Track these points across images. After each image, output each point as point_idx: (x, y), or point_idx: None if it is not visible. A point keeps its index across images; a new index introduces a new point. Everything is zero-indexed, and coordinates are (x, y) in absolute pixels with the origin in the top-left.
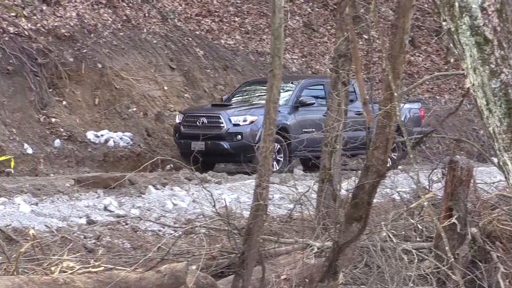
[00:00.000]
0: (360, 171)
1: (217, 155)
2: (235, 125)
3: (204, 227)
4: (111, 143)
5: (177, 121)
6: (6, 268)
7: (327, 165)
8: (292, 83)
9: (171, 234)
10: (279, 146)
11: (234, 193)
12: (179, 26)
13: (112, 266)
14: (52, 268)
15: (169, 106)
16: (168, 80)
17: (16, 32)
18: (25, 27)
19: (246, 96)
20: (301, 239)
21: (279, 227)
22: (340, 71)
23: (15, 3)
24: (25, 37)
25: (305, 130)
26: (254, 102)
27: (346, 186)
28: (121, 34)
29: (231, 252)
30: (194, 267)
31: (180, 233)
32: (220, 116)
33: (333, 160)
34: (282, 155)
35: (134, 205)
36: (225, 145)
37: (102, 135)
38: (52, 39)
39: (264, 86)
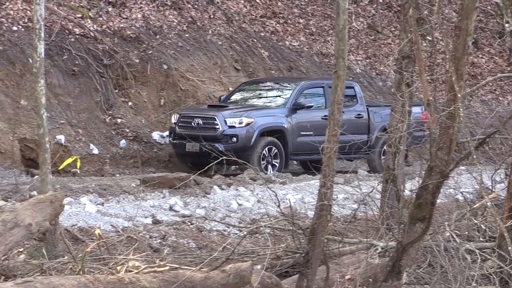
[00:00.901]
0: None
1: (212, 158)
2: (230, 127)
3: (268, 227)
4: None
5: (173, 121)
6: (72, 267)
7: (391, 165)
8: (289, 84)
9: (236, 234)
10: (275, 149)
11: (298, 193)
12: (244, 27)
13: (178, 266)
14: (118, 268)
15: None
16: (233, 81)
17: (82, 34)
18: (91, 28)
19: (245, 97)
20: (365, 239)
21: (343, 227)
22: (404, 73)
23: (81, 4)
24: (91, 38)
25: (303, 133)
26: (251, 104)
27: (410, 186)
28: (187, 35)
29: (295, 251)
30: (259, 266)
31: (245, 233)
32: (215, 117)
33: (397, 161)
34: (278, 160)
35: (199, 205)
36: (220, 147)
37: (167, 135)
38: (118, 41)
39: (263, 86)
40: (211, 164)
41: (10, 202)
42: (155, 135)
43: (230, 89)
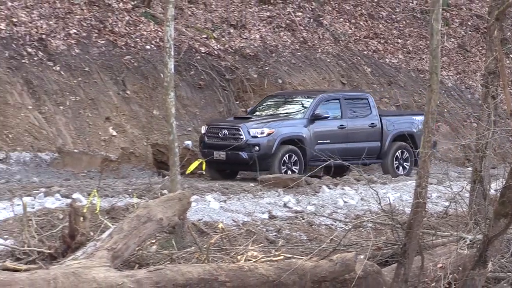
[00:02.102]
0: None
1: (236, 165)
2: (253, 137)
3: (370, 221)
4: None
5: (202, 131)
6: (198, 256)
7: (478, 168)
8: (309, 97)
9: (342, 227)
10: (295, 156)
11: (397, 192)
12: (349, 46)
13: (291, 255)
14: (238, 257)
15: None
16: None
17: (207, 52)
18: (215, 47)
19: (269, 109)
20: (455, 233)
21: (436, 222)
22: (490, 86)
23: (206, 26)
24: (215, 56)
25: (321, 141)
26: (273, 115)
27: (495, 186)
28: (299, 53)
29: (394, 243)
30: (362, 256)
31: (350, 226)
32: (239, 128)
33: (484, 164)
34: (297, 166)
35: (310, 202)
36: (244, 155)
37: None
38: (239, 58)
39: (284, 100)
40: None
41: (143, 199)
42: None
43: None
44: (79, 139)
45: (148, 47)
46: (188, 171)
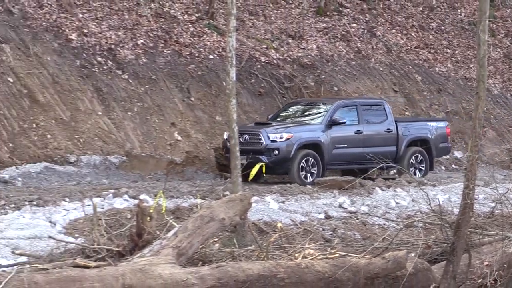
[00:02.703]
0: None
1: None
2: (272, 141)
3: (421, 221)
4: None
5: (225, 137)
6: (258, 254)
7: None
8: (327, 104)
9: (394, 227)
10: (313, 160)
11: (446, 193)
12: (401, 56)
13: (345, 253)
14: (296, 255)
15: None
16: (392, 100)
17: (266, 61)
18: (274, 57)
19: (289, 115)
20: (501, 232)
21: (483, 222)
22: None
23: (266, 37)
24: (274, 65)
25: (338, 145)
26: (293, 121)
27: None
28: (353, 63)
29: (443, 242)
30: (412, 254)
31: (401, 226)
32: (260, 133)
33: None
34: (316, 168)
35: (363, 203)
36: (264, 159)
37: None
38: (296, 67)
39: (304, 106)
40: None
41: (207, 200)
42: None
43: (390, 107)
44: (146, 143)
45: (211, 56)
46: (250, 177)
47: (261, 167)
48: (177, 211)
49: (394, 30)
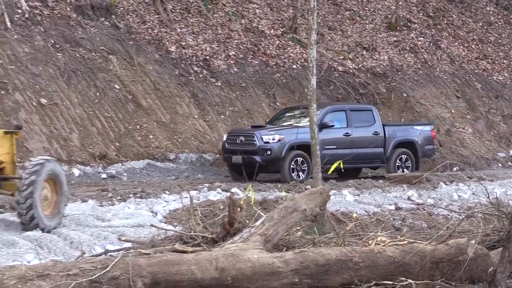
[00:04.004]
0: None
1: (251, 167)
2: (265, 142)
3: (480, 212)
4: None
5: (224, 139)
6: (336, 241)
7: None
8: (319, 109)
9: (456, 217)
10: (303, 160)
11: (503, 187)
12: (463, 66)
13: (413, 240)
14: (369, 241)
15: (455, 124)
16: (455, 106)
17: (343, 70)
18: (350, 66)
19: (284, 119)
20: None
21: None
22: None
23: (343, 49)
24: (350, 74)
25: (327, 147)
26: (286, 124)
27: None
28: (420, 72)
29: (500, 230)
30: (473, 241)
31: (463, 216)
32: (254, 135)
33: None
34: (305, 169)
35: (429, 196)
36: (258, 158)
37: None
38: (370, 76)
39: (299, 111)
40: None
41: (291, 193)
42: None
43: (453, 111)
44: None
45: (294, 66)
46: (329, 172)
47: (339, 164)
48: (264, 202)
49: (456, 43)
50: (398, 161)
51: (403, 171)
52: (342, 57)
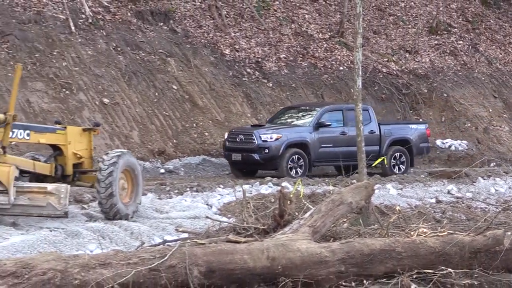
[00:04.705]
0: None
1: (250, 164)
2: (264, 141)
3: None
4: (452, 147)
5: (225, 137)
6: (380, 232)
7: None
8: (315, 109)
9: (493, 210)
10: (300, 157)
11: None
12: (500, 68)
13: (453, 232)
14: (412, 233)
15: (492, 123)
16: (492, 105)
17: (387, 72)
18: (394, 68)
19: (283, 118)
20: None
21: None
22: None
23: (387, 52)
24: (393, 75)
25: (324, 145)
26: (284, 123)
27: None
28: (460, 73)
29: None
30: (509, 233)
31: (500, 209)
32: (253, 134)
33: None
34: (302, 166)
35: (468, 190)
36: (256, 156)
37: (446, 142)
38: (412, 77)
39: (298, 111)
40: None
41: (337, 187)
42: (438, 142)
43: (490, 110)
44: None
45: (341, 68)
46: (373, 165)
47: (383, 160)
48: (313, 196)
49: (494, 46)
50: (393, 158)
51: (399, 168)
52: (386, 60)
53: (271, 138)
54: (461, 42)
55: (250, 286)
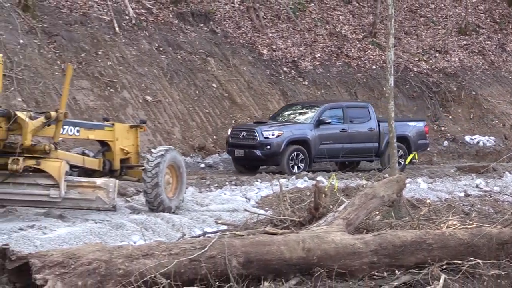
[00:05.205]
0: None
1: (252, 160)
2: (265, 138)
3: None
4: (480, 143)
5: (228, 134)
6: (411, 224)
7: None
8: (317, 106)
9: None
10: (301, 154)
11: None
12: None
13: (481, 224)
14: (441, 225)
15: None
16: None
17: (418, 71)
18: (424, 67)
19: (285, 116)
20: None
21: None
22: None
23: (418, 51)
24: (424, 74)
25: (324, 142)
26: (286, 120)
27: None
28: (488, 72)
29: None
30: None
31: None
32: (255, 131)
33: None
34: (303, 162)
35: (495, 184)
36: (258, 152)
37: (474, 138)
38: (442, 75)
39: (300, 108)
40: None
41: (370, 181)
42: (467, 138)
43: None
44: None
45: (374, 67)
46: (406, 162)
47: (414, 155)
48: (346, 190)
49: None
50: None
51: (399, 164)
52: (417, 59)
53: (272, 134)
54: (489, 42)
55: (286, 276)
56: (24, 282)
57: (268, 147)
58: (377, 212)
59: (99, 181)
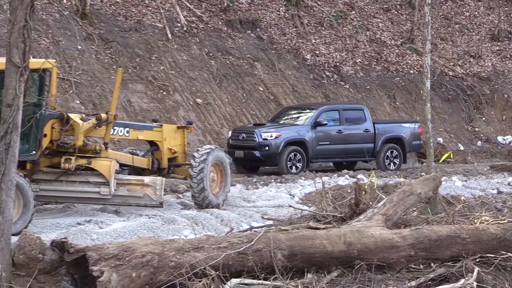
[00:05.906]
0: None
1: (252, 161)
2: (264, 139)
3: None
4: None
5: (229, 136)
6: (446, 220)
7: None
8: (314, 109)
9: None
10: (299, 154)
11: None
12: None
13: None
14: (475, 220)
15: None
16: None
17: (453, 75)
18: (459, 71)
19: (283, 118)
20: None
21: None
22: None
23: (453, 57)
24: (459, 78)
25: (321, 143)
26: (284, 122)
27: None
28: None
29: None
30: None
31: None
32: (254, 132)
33: None
34: (301, 163)
35: None
36: (257, 153)
37: (507, 138)
38: (476, 79)
39: (298, 111)
40: None
41: (408, 179)
42: (499, 138)
43: None
44: None
45: (411, 71)
46: (441, 160)
47: (449, 154)
48: (385, 187)
49: None
50: (387, 155)
51: (394, 164)
52: (452, 64)
53: (271, 136)
54: None
55: (328, 268)
56: (81, 273)
57: (267, 148)
58: (414, 209)
59: (147, 179)
